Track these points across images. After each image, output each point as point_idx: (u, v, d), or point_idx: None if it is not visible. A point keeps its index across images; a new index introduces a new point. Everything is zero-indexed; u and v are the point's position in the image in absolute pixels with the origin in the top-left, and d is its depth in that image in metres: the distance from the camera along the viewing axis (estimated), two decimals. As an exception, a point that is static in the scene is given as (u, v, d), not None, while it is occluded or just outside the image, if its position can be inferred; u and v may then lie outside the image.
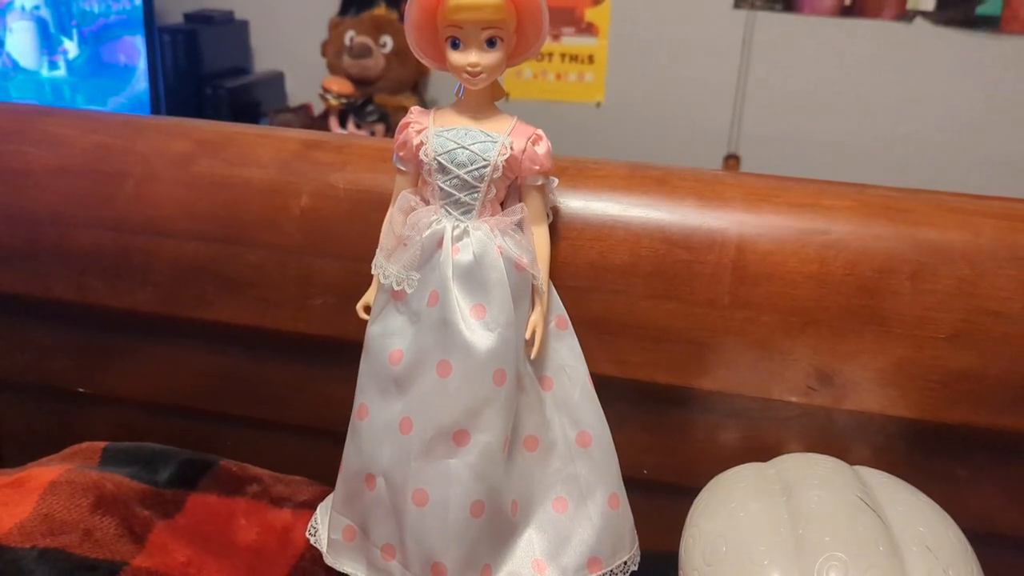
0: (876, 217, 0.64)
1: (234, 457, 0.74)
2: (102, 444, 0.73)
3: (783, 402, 0.64)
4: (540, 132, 0.58)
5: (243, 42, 2.01)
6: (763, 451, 0.65)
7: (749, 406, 0.65)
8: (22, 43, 1.63)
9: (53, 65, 1.67)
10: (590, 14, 1.86)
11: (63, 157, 0.74)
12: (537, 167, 0.57)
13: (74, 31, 1.67)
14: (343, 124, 1.80)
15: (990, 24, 1.68)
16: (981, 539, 0.54)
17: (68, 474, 0.65)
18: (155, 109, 1.69)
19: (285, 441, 0.76)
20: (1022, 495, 0.64)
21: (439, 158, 0.56)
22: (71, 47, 1.68)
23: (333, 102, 1.77)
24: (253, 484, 0.71)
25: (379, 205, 0.64)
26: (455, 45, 0.55)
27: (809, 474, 0.57)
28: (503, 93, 0.59)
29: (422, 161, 0.57)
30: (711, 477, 0.63)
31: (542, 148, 0.57)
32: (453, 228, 0.57)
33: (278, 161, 0.71)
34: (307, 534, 0.66)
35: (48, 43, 1.66)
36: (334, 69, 1.85)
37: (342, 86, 1.79)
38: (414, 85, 1.90)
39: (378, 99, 1.81)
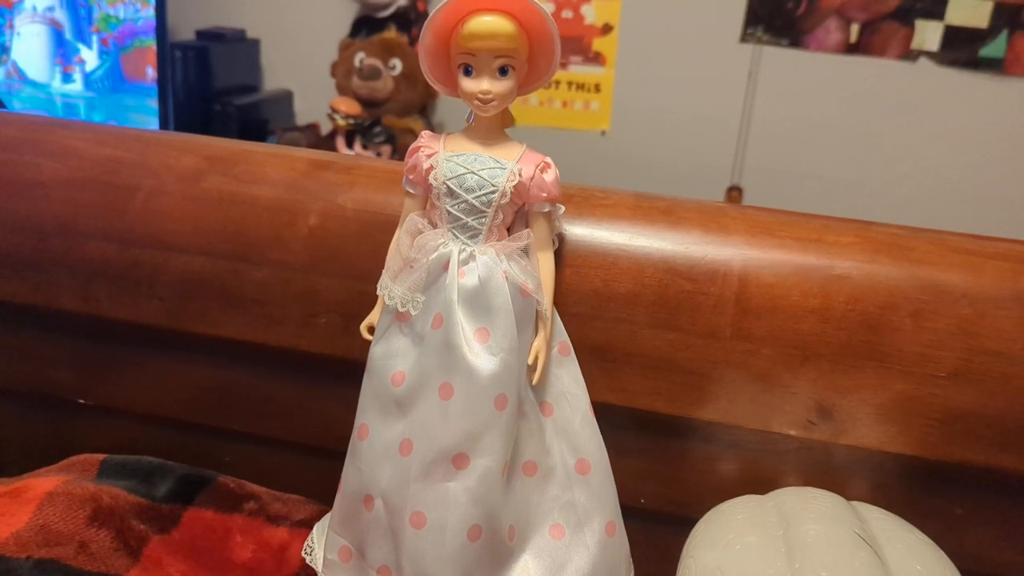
0: (879, 254, 0.64)
1: (232, 473, 0.74)
2: (100, 456, 0.73)
3: (782, 435, 0.64)
4: (549, 160, 0.58)
5: (253, 60, 2.03)
6: (761, 484, 0.65)
7: (748, 438, 0.65)
8: (32, 50, 1.43)
9: (67, 78, 1.49)
10: (598, 44, 1.88)
11: (74, 169, 0.75)
12: (545, 194, 0.58)
13: (94, 38, 1.46)
14: (350, 144, 1.81)
15: (994, 66, 1.70)
16: (977, 579, 0.55)
17: (65, 485, 0.65)
18: (164, 124, 1.68)
19: (284, 458, 0.76)
20: (1018, 535, 0.64)
21: (448, 182, 0.57)
22: (89, 57, 1.48)
23: (341, 122, 1.79)
24: (250, 501, 0.71)
25: (386, 227, 0.64)
26: (467, 72, 0.56)
27: (807, 508, 0.57)
28: (512, 120, 0.60)
29: (431, 185, 0.58)
30: (708, 508, 0.63)
31: (550, 176, 0.58)
32: (459, 252, 0.57)
33: (287, 180, 0.72)
34: (303, 553, 0.65)
35: (63, 51, 1.46)
36: (343, 90, 1.86)
37: (350, 107, 1.80)
38: (422, 108, 1.92)
39: (385, 121, 1.83)
